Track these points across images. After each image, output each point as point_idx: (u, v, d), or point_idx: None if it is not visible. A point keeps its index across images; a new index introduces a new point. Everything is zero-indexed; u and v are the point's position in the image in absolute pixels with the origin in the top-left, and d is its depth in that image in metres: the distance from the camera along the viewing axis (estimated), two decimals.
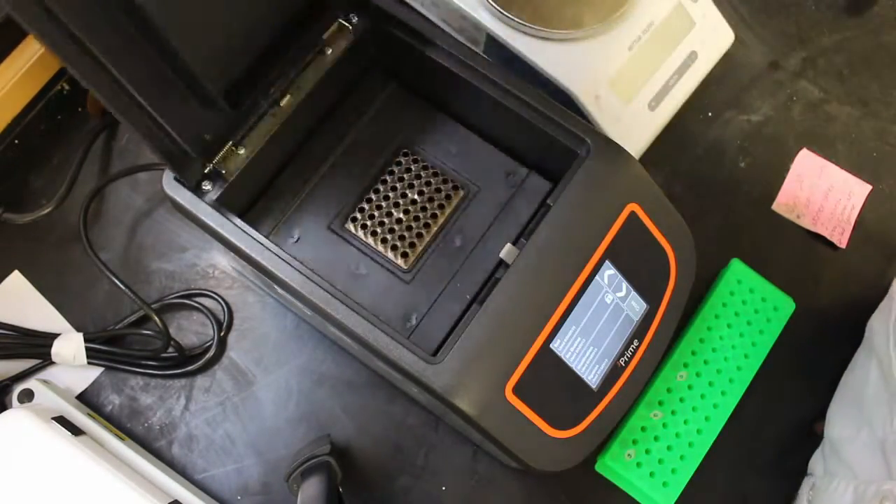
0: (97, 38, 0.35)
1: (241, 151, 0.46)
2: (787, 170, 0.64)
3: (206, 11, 0.40)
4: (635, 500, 0.55)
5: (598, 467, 0.55)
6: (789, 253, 0.62)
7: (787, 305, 0.59)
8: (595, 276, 0.44)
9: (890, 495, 0.45)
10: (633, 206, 0.46)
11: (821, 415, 0.57)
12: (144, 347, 0.56)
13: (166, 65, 0.39)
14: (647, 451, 0.54)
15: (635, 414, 0.55)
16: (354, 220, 0.49)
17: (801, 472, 0.56)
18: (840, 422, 0.55)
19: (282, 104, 0.47)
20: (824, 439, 0.56)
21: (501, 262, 0.47)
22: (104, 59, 0.36)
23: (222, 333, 0.57)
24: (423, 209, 0.50)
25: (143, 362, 0.56)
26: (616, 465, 0.53)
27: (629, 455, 0.54)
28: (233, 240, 0.43)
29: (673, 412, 0.55)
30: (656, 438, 0.54)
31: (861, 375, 0.55)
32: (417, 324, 0.47)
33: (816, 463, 0.55)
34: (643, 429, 0.54)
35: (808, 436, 0.57)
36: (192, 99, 0.41)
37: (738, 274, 0.59)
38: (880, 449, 0.49)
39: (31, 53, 0.57)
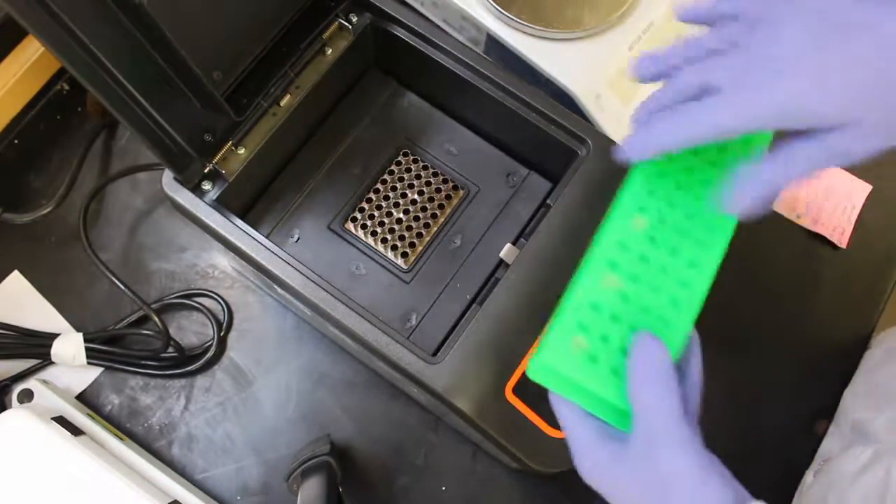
0: (97, 38, 0.35)
1: (241, 151, 0.46)
2: None
3: (207, 11, 0.40)
4: (598, 416, 0.35)
5: (533, 373, 0.35)
6: (789, 253, 0.62)
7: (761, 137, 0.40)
8: None
9: None
10: None
11: (821, 414, 0.57)
12: (144, 347, 0.56)
13: (167, 65, 0.39)
14: (604, 339, 0.35)
15: (579, 284, 0.36)
16: (354, 220, 0.49)
17: (801, 468, 0.56)
18: (861, 403, 0.54)
19: (282, 104, 0.47)
20: (842, 423, 0.55)
21: (501, 262, 0.47)
22: (104, 59, 0.36)
23: (222, 333, 0.57)
24: (423, 209, 0.50)
25: (143, 362, 0.56)
26: (559, 363, 0.34)
27: (577, 345, 0.35)
28: (233, 240, 0.43)
29: (634, 277, 0.37)
30: (614, 318, 0.36)
31: (879, 357, 0.54)
32: (417, 324, 0.47)
33: (833, 444, 0.55)
34: (593, 305, 0.36)
35: (809, 434, 0.57)
36: (193, 99, 0.41)
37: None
38: None
39: (31, 53, 0.57)
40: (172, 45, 0.38)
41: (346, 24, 0.48)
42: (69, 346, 0.54)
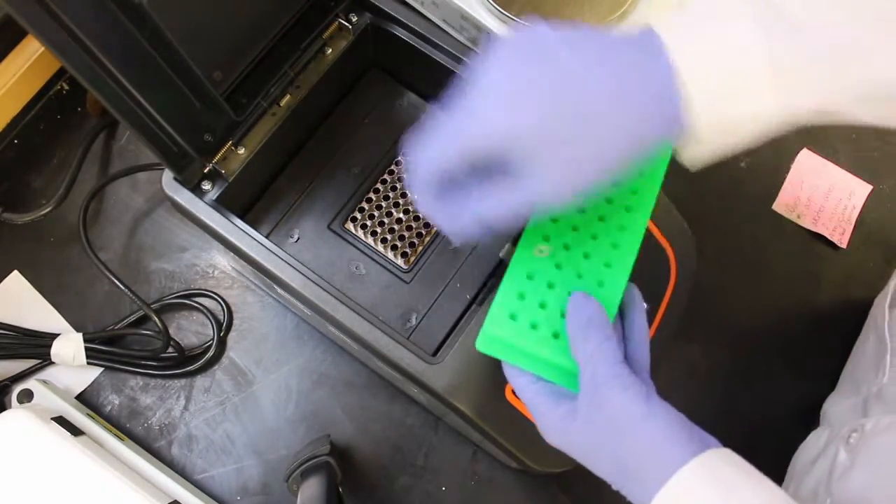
0: (97, 38, 0.35)
1: (241, 151, 0.46)
2: (787, 170, 0.64)
3: (207, 11, 0.40)
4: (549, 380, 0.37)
5: (481, 344, 0.38)
6: (789, 253, 0.62)
7: (651, 175, 0.41)
8: None
9: (859, 428, 0.46)
10: None
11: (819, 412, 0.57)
12: (144, 347, 0.56)
13: (167, 65, 0.39)
14: (543, 305, 0.38)
15: (514, 258, 0.39)
16: (354, 220, 0.49)
17: None
18: (835, 400, 0.56)
19: (282, 104, 0.47)
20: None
21: (501, 262, 0.47)
22: (104, 59, 0.36)
23: (222, 333, 0.57)
24: None
25: (143, 362, 0.56)
26: (502, 332, 0.37)
27: (518, 313, 0.38)
28: (233, 240, 0.43)
29: (565, 246, 0.39)
30: (550, 285, 0.38)
31: (858, 354, 0.56)
32: (417, 324, 0.47)
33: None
34: (529, 276, 0.38)
35: (808, 432, 0.57)
36: (193, 99, 0.41)
37: None
38: (862, 404, 0.50)
39: (30, 53, 0.57)
40: (172, 45, 0.38)
41: (346, 24, 0.48)
42: (69, 346, 0.54)
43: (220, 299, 0.58)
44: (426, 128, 0.34)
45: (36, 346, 0.55)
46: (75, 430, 0.50)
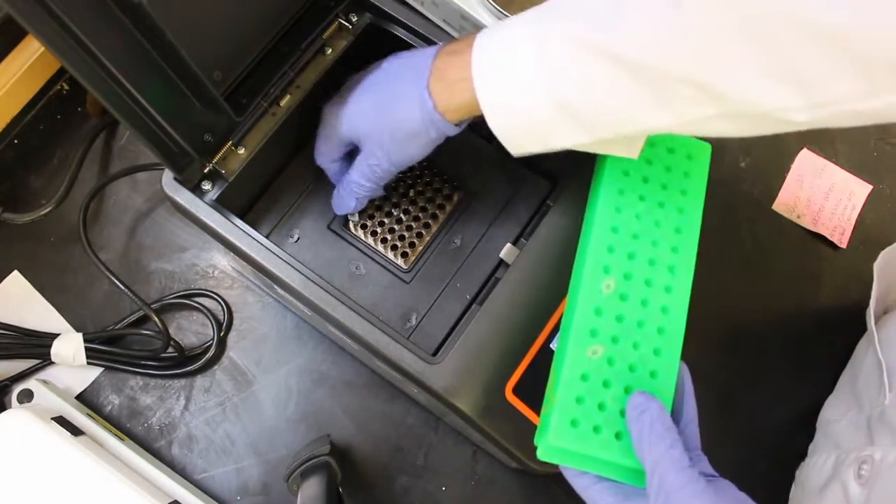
0: (97, 39, 0.35)
1: (241, 151, 0.46)
2: (787, 170, 0.64)
3: (207, 11, 0.40)
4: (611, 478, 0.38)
5: (543, 455, 0.39)
6: (789, 253, 0.62)
7: (701, 149, 0.45)
8: None
9: (869, 459, 0.46)
10: None
11: (818, 414, 0.57)
12: (144, 347, 0.56)
13: (167, 65, 0.39)
14: (601, 406, 0.38)
15: (565, 361, 0.39)
16: (354, 219, 0.49)
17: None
18: (833, 405, 0.55)
19: (282, 104, 0.47)
20: (820, 420, 0.56)
21: (501, 262, 0.47)
22: (104, 59, 0.36)
23: (222, 333, 0.57)
24: (424, 209, 0.50)
25: (143, 362, 0.56)
26: (566, 442, 0.38)
27: (578, 419, 0.38)
28: (233, 240, 0.43)
29: (614, 339, 0.40)
30: (606, 384, 0.39)
31: (858, 362, 0.55)
32: (417, 324, 0.47)
33: (815, 443, 0.56)
34: (583, 377, 0.39)
35: (807, 434, 0.57)
36: (193, 100, 0.41)
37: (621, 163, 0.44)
38: (865, 424, 0.50)
39: (30, 53, 0.57)
40: (172, 45, 0.38)
41: (346, 24, 0.48)
42: (69, 346, 0.54)
43: (220, 299, 0.58)
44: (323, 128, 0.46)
45: (36, 346, 0.55)
46: (75, 430, 0.50)
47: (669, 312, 0.40)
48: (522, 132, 0.38)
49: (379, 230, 0.49)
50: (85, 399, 0.56)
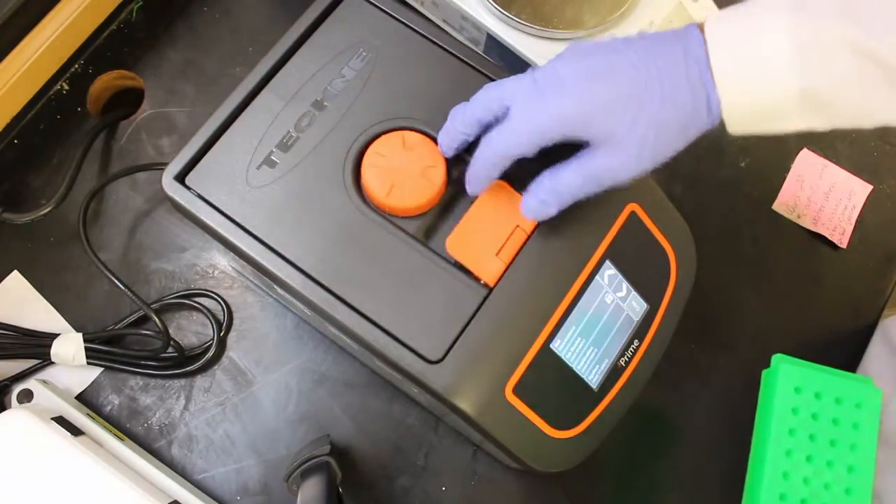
0: None
1: None
2: (787, 170, 0.64)
3: None
4: None
5: None
6: (789, 253, 0.62)
7: (871, 395, 0.50)
8: (595, 276, 0.44)
9: None
10: (633, 206, 0.46)
11: None
12: (144, 347, 0.56)
13: None
14: None
15: None
16: None
17: None
18: None
19: None
20: None
21: None
22: None
23: (222, 333, 0.57)
24: None
25: (143, 362, 0.56)
26: None
27: None
28: (233, 240, 0.43)
29: None
30: None
31: (879, 384, 0.54)
32: None
33: None
34: None
35: None
36: None
37: (792, 379, 0.51)
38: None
39: (30, 53, 0.57)
40: None
41: None
42: (69, 346, 0.54)
43: (220, 299, 0.58)
44: (499, 125, 0.39)
45: (36, 346, 0.55)
46: (75, 430, 0.50)
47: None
48: (755, 113, 0.37)
49: None
50: (85, 399, 0.56)
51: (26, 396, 0.54)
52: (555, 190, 0.40)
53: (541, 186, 0.40)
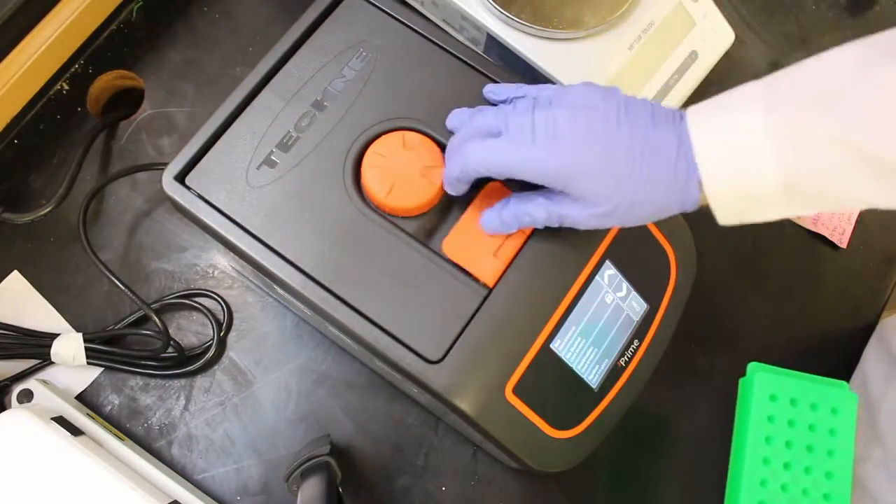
0: None
1: None
2: None
3: None
4: None
5: None
6: (789, 253, 0.62)
7: (847, 400, 0.51)
8: (595, 275, 0.44)
9: None
10: None
11: None
12: (144, 347, 0.56)
13: None
14: None
15: None
16: None
17: None
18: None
19: None
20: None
21: None
22: None
23: (222, 333, 0.57)
24: None
25: (143, 362, 0.56)
26: None
27: None
28: (233, 240, 0.43)
29: None
30: None
31: (873, 394, 0.54)
32: None
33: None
34: None
35: None
36: None
37: (767, 387, 0.52)
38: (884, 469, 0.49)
39: (30, 53, 0.57)
40: None
41: None
42: (69, 346, 0.54)
43: (220, 299, 0.58)
44: (485, 140, 0.40)
45: (36, 346, 0.55)
46: (75, 430, 0.50)
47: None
48: (741, 206, 0.37)
49: None
50: (85, 399, 0.56)
51: (26, 396, 0.54)
52: (517, 216, 0.41)
53: (506, 207, 0.41)
